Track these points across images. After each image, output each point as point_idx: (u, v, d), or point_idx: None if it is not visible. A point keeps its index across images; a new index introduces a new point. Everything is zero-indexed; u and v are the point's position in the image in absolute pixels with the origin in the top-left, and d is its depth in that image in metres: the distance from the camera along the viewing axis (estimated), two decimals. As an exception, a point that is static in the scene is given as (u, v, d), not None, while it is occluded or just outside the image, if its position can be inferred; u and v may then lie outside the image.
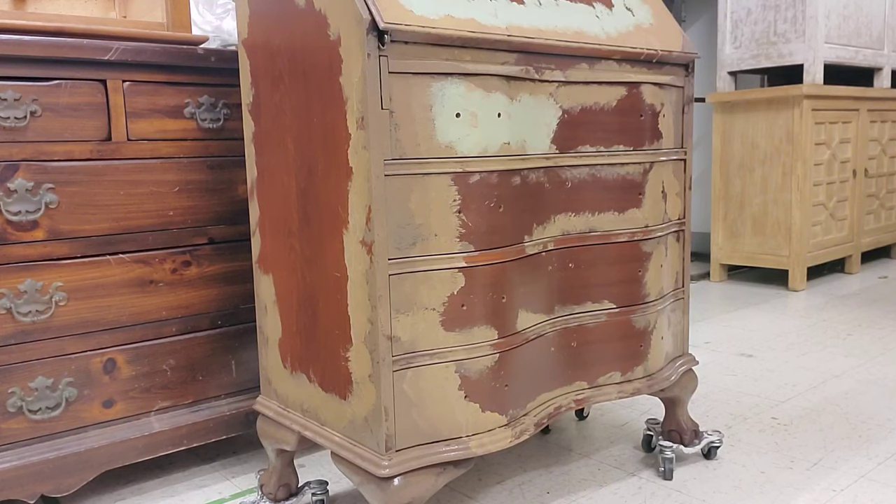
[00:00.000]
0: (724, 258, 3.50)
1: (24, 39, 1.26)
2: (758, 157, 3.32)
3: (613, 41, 1.27)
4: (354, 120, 1.03)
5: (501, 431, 1.15)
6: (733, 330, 2.64)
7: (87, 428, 1.38)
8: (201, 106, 1.46)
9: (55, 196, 1.31)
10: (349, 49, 1.02)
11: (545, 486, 1.46)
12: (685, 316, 1.51)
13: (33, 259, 1.30)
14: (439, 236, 1.08)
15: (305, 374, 1.22)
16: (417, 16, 1.03)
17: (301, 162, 1.15)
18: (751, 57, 3.36)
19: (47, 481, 1.31)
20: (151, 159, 1.42)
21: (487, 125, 1.10)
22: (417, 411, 1.09)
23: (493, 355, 1.13)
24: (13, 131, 1.27)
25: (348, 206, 1.06)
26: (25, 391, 1.31)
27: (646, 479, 1.48)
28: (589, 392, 1.32)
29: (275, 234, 1.24)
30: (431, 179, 1.06)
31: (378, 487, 1.07)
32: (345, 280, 1.09)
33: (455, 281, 1.09)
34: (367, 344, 1.07)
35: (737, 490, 1.42)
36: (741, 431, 1.71)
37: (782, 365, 2.21)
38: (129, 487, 1.51)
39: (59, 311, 1.33)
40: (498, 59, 1.11)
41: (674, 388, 1.46)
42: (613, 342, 1.33)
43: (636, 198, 1.34)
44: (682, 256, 1.49)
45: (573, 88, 1.23)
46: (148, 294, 1.43)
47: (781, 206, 3.24)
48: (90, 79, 1.34)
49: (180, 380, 1.48)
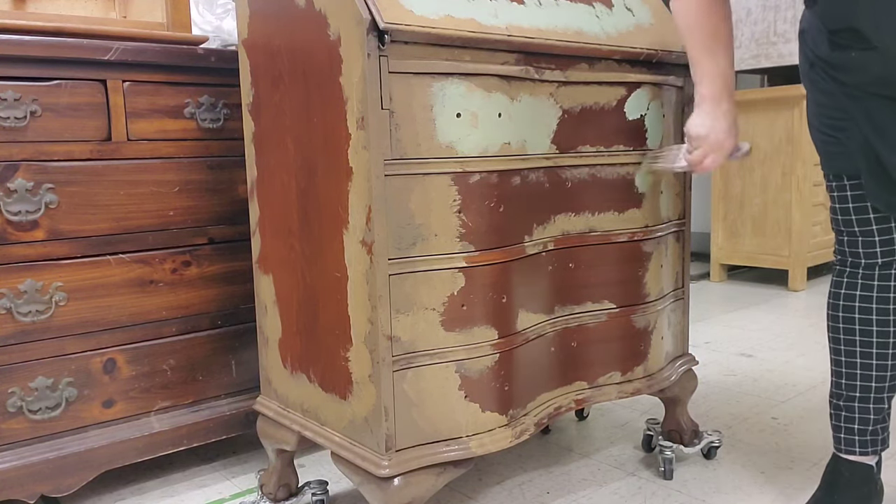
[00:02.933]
0: (724, 258, 3.50)
1: (25, 39, 1.26)
2: (757, 157, 3.31)
3: (613, 41, 1.27)
4: (354, 120, 1.03)
5: (501, 431, 1.15)
6: (733, 330, 2.64)
7: (87, 428, 1.38)
8: (201, 106, 1.46)
9: (55, 196, 1.31)
10: (349, 49, 1.02)
11: (545, 486, 1.46)
12: (685, 316, 1.51)
13: (33, 259, 1.30)
14: (439, 236, 1.08)
15: (305, 374, 1.22)
16: (417, 16, 1.03)
17: (301, 162, 1.15)
18: (751, 57, 3.36)
19: (47, 481, 1.31)
20: (151, 159, 1.42)
21: (488, 125, 1.10)
22: (417, 411, 1.09)
23: (493, 355, 1.13)
24: (13, 131, 1.27)
25: (348, 206, 1.06)
26: (25, 391, 1.31)
27: (646, 479, 1.48)
28: (589, 392, 1.32)
29: (275, 234, 1.24)
30: (432, 179, 1.06)
31: (378, 487, 1.07)
32: (345, 280, 1.09)
33: (455, 281, 1.09)
34: (367, 344, 1.07)
35: (737, 490, 1.42)
36: (741, 431, 1.71)
37: (782, 365, 2.21)
38: (129, 487, 1.51)
39: (59, 311, 1.33)
40: (498, 60, 1.11)
41: (674, 388, 1.46)
42: (613, 342, 1.33)
43: (636, 198, 1.34)
44: (682, 256, 1.49)
45: (573, 88, 1.23)
46: (148, 294, 1.43)
47: (781, 206, 3.24)
48: (90, 79, 1.34)
49: (180, 380, 1.48)
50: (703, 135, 1.19)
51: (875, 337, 1.22)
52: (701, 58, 1.19)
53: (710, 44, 1.18)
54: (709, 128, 1.19)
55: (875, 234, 1.20)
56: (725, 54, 1.19)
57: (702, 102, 1.20)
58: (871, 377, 1.22)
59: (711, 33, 1.17)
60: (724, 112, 1.19)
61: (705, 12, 1.17)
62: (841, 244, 1.25)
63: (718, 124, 1.19)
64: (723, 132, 1.19)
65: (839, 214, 1.23)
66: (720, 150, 1.20)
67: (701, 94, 1.20)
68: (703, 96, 1.19)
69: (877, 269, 1.21)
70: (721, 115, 1.19)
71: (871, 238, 1.20)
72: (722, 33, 1.18)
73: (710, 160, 1.21)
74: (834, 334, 1.26)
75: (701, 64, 1.19)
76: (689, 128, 1.21)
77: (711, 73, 1.18)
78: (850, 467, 1.25)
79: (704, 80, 1.19)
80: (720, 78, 1.18)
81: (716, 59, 1.18)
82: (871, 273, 1.21)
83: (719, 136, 1.19)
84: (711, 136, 1.19)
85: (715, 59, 1.18)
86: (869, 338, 1.22)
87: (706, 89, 1.19)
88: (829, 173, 1.23)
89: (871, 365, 1.22)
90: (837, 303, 1.25)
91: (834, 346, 1.26)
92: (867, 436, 1.24)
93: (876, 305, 1.21)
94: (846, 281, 1.24)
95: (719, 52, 1.18)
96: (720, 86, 1.18)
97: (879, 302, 1.21)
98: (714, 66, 1.18)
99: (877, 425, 1.24)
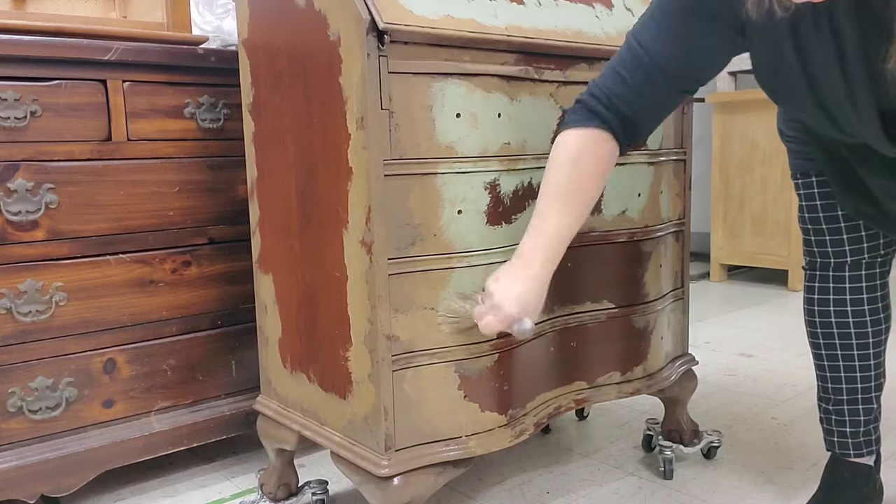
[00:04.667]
0: (723, 258, 3.50)
1: (25, 39, 1.26)
2: (757, 157, 3.32)
3: (613, 41, 1.27)
4: (354, 120, 1.03)
5: (501, 431, 1.15)
6: (733, 330, 2.64)
7: (88, 428, 1.38)
8: (201, 106, 1.47)
9: (55, 196, 1.31)
10: (349, 49, 1.02)
11: (545, 486, 1.46)
12: (685, 316, 1.51)
13: (33, 259, 1.30)
14: (438, 236, 1.08)
15: (305, 373, 1.22)
16: (417, 16, 1.03)
17: (301, 162, 1.15)
18: (751, 57, 3.36)
19: (47, 481, 1.32)
20: (151, 159, 1.42)
21: (488, 125, 1.10)
22: (417, 411, 1.09)
23: (492, 355, 1.13)
24: (13, 131, 1.27)
25: (348, 206, 1.06)
26: (26, 391, 1.31)
27: (646, 479, 1.48)
28: (589, 392, 1.32)
29: (275, 234, 1.24)
30: (431, 180, 1.06)
31: (378, 487, 1.07)
32: (344, 280, 1.09)
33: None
34: (366, 344, 1.07)
35: (737, 490, 1.42)
36: (741, 431, 1.71)
37: (782, 365, 2.21)
38: (129, 487, 1.51)
39: (59, 311, 1.33)
40: (498, 60, 1.11)
41: (673, 388, 1.46)
42: (613, 342, 1.33)
43: (636, 197, 1.34)
44: (682, 256, 1.49)
45: (573, 88, 1.23)
46: (148, 294, 1.43)
47: (781, 206, 3.24)
48: (90, 79, 1.34)
49: (180, 380, 1.48)
50: (490, 290, 1.02)
51: (854, 339, 1.21)
52: (540, 209, 1.02)
53: (562, 200, 1.01)
54: (499, 286, 1.01)
55: (843, 233, 1.19)
56: (570, 219, 1.02)
57: (514, 257, 1.03)
58: (856, 378, 1.22)
59: (569, 189, 1.01)
60: (526, 277, 1.01)
61: (577, 162, 1.01)
62: (809, 244, 1.24)
63: (510, 288, 1.00)
64: (509, 297, 1.00)
65: (806, 212, 1.22)
66: (499, 314, 1.00)
67: (520, 248, 1.03)
68: (519, 252, 1.03)
69: (847, 270, 1.20)
70: (519, 279, 1.01)
71: (839, 236, 1.19)
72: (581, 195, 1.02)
73: (485, 321, 1.01)
74: (813, 339, 1.26)
75: (537, 214, 1.03)
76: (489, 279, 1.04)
77: (541, 231, 1.02)
78: (850, 467, 1.25)
79: (530, 234, 1.02)
80: (547, 241, 1.01)
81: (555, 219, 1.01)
82: (841, 275, 1.21)
83: (503, 299, 1.00)
84: (496, 296, 1.00)
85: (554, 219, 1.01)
86: (848, 339, 1.21)
87: (525, 246, 1.02)
88: (797, 171, 1.23)
89: (854, 366, 1.22)
90: (812, 308, 1.24)
91: (815, 350, 1.26)
92: (860, 437, 1.24)
93: (851, 308, 1.20)
94: (818, 286, 1.23)
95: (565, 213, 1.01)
96: (541, 249, 1.01)
97: (854, 304, 1.20)
98: (549, 226, 1.01)
99: (868, 426, 1.24)
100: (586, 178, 1.02)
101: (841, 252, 1.20)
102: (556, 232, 1.01)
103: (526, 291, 1.01)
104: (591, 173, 1.02)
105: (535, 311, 1.03)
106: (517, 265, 1.02)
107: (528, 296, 1.01)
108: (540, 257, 1.02)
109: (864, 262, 1.19)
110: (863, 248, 1.19)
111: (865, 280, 1.20)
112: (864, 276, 1.20)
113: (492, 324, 1.01)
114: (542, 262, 1.02)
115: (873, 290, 1.21)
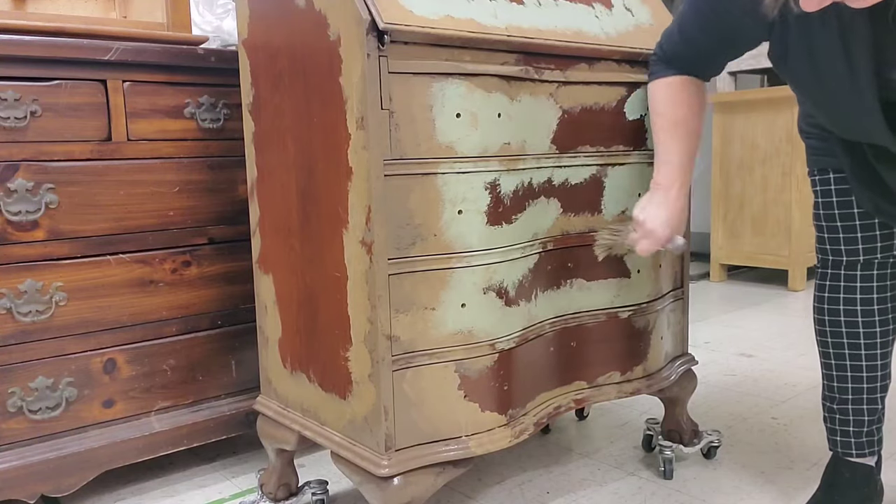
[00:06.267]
0: (723, 258, 3.50)
1: (25, 39, 1.26)
2: (757, 157, 3.32)
3: (613, 41, 1.27)
4: (354, 120, 1.03)
5: (501, 431, 1.15)
6: (733, 330, 2.64)
7: (88, 428, 1.38)
8: (201, 106, 1.47)
9: (55, 196, 1.31)
10: (349, 49, 1.02)
11: (545, 486, 1.46)
12: (685, 316, 1.51)
13: (33, 259, 1.30)
14: (438, 236, 1.08)
15: (305, 373, 1.22)
16: (417, 16, 1.03)
17: (301, 162, 1.15)
18: (751, 57, 3.36)
19: (47, 481, 1.32)
20: (151, 159, 1.42)
21: (487, 125, 1.10)
22: (417, 411, 1.09)
23: (492, 355, 1.13)
24: (13, 131, 1.27)
25: (348, 206, 1.06)
26: (26, 391, 1.31)
27: (646, 479, 1.48)
28: (588, 392, 1.32)
29: (275, 234, 1.24)
30: (431, 180, 1.06)
31: (378, 487, 1.07)
32: (344, 280, 1.09)
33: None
34: (366, 344, 1.07)
35: (737, 490, 1.42)
36: (741, 431, 1.71)
37: (782, 365, 2.21)
38: (129, 487, 1.51)
39: (59, 311, 1.33)
40: (498, 60, 1.11)
41: (673, 388, 1.46)
42: (613, 342, 1.33)
43: (636, 198, 1.34)
44: (682, 256, 1.49)
45: (573, 89, 1.23)
46: (148, 294, 1.43)
47: (781, 206, 3.24)
48: (90, 79, 1.34)
49: (180, 380, 1.48)
50: (640, 220, 1.18)
51: (863, 338, 1.21)
52: (660, 143, 1.20)
53: (673, 132, 1.18)
54: (648, 214, 1.18)
55: (857, 231, 1.19)
56: (686, 144, 1.19)
57: (653, 188, 1.20)
58: (862, 378, 1.22)
59: (674, 122, 1.18)
60: (668, 201, 1.18)
61: (671, 101, 1.19)
62: (822, 242, 1.24)
63: (658, 213, 1.17)
64: (659, 222, 1.17)
65: (822, 209, 1.22)
66: (653, 237, 1.17)
67: (654, 179, 1.20)
68: (656, 182, 1.20)
69: (858, 269, 1.20)
70: (663, 205, 1.18)
71: (853, 234, 1.19)
72: (685, 124, 1.18)
73: (642, 246, 1.19)
74: (822, 337, 1.26)
75: (659, 149, 1.20)
76: (635, 209, 1.21)
77: (668, 160, 1.19)
78: (851, 468, 1.25)
79: (660, 167, 1.20)
80: (676, 167, 1.18)
81: (675, 147, 1.18)
82: (853, 273, 1.21)
83: (654, 225, 1.17)
84: (648, 223, 1.17)
85: (674, 147, 1.18)
86: (857, 339, 1.21)
87: (660, 176, 1.19)
88: (814, 168, 1.23)
89: (861, 366, 1.22)
90: (822, 306, 1.25)
91: (823, 349, 1.26)
92: (863, 437, 1.24)
93: (861, 307, 1.21)
94: (829, 284, 1.23)
95: (679, 141, 1.18)
96: (673, 175, 1.19)
97: (864, 303, 1.20)
98: (672, 154, 1.18)
99: (872, 426, 1.24)
100: (685, 110, 1.19)
101: (854, 251, 1.20)
102: (679, 158, 1.18)
103: (672, 214, 1.18)
104: (689, 105, 1.19)
105: (681, 229, 1.21)
106: (659, 193, 1.19)
107: (674, 217, 1.18)
108: (676, 182, 1.19)
109: (876, 262, 1.20)
110: (876, 248, 1.19)
111: (877, 280, 1.20)
112: (875, 276, 1.20)
113: (646, 247, 1.18)
114: (679, 186, 1.19)
115: (883, 291, 1.21)
